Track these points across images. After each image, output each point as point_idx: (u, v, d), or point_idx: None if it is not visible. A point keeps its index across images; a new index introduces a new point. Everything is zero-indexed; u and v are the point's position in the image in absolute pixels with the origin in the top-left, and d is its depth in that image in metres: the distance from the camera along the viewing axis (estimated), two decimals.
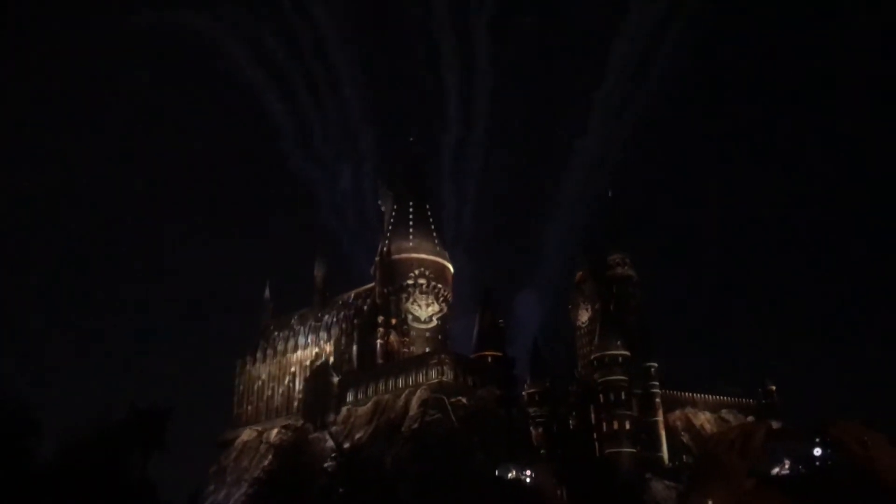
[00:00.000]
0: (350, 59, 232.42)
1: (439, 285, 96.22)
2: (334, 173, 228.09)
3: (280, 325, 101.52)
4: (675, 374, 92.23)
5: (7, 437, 25.90)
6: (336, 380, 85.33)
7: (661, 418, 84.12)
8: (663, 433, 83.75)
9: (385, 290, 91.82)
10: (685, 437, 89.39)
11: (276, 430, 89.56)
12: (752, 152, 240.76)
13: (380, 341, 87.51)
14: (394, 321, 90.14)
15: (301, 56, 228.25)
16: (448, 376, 76.63)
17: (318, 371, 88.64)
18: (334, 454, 74.43)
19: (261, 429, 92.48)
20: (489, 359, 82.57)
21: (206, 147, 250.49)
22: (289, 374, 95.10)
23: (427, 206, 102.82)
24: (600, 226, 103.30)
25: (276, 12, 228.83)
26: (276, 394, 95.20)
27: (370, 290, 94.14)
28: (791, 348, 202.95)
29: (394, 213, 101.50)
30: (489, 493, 60.47)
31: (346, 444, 75.33)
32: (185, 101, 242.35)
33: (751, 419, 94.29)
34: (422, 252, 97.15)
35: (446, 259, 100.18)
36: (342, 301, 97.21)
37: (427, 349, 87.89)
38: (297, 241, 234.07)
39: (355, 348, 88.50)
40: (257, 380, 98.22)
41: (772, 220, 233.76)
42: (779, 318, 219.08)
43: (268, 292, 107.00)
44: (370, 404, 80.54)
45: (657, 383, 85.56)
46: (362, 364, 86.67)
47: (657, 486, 73.63)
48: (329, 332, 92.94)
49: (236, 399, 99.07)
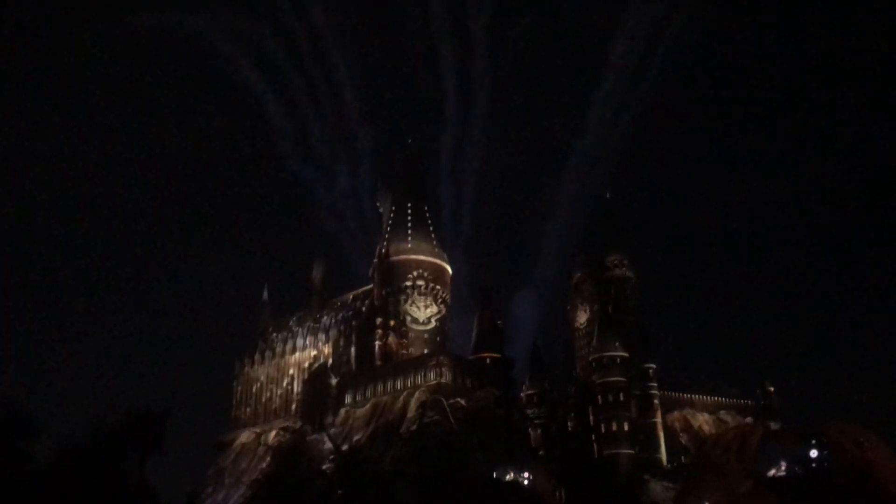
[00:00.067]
0: (348, 61, 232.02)
1: (438, 287, 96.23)
2: (332, 175, 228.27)
3: (278, 327, 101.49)
4: (674, 375, 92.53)
5: (4, 439, 25.87)
6: (334, 381, 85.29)
7: (659, 419, 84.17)
8: (662, 434, 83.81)
9: (383, 292, 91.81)
10: (684, 439, 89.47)
11: (274, 432, 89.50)
12: (751, 153, 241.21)
13: (378, 343, 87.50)
14: (392, 323, 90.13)
15: (299, 57, 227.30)
16: (446, 378, 76.59)
17: (316, 373, 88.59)
18: (332, 456, 74.38)
19: (259, 430, 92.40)
20: (488, 360, 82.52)
21: (203, 148, 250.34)
22: (287, 375, 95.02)
23: (425, 208, 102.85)
24: (598, 227, 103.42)
25: (273, 13, 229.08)
26: (275, 395, 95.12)
27: (368, 292, 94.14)
28: (789, 350, 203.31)
29: (392, 215, 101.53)
30: (487, 495, 60.48)
31: (345, 446, 75.28)
32: (183, 103, 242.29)
33: (749, 420, 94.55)
34: (420, 254, 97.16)
35: (445, 260, 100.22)
36: (340, 303, 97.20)
37: (425, 351, 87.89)
38: (295, 243, 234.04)
39: (353, 350, 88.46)
40: (256, 381, 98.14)
41: (771, 220, 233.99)
42: (777, 319, 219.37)
43: (266, 294, 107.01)
44: (368, 406, 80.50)
45: (655, 384, 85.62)
46: (361, 366, 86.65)
47: (655, 487, 73.66)
48: (327, 334, 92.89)
49: (234, 401, 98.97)
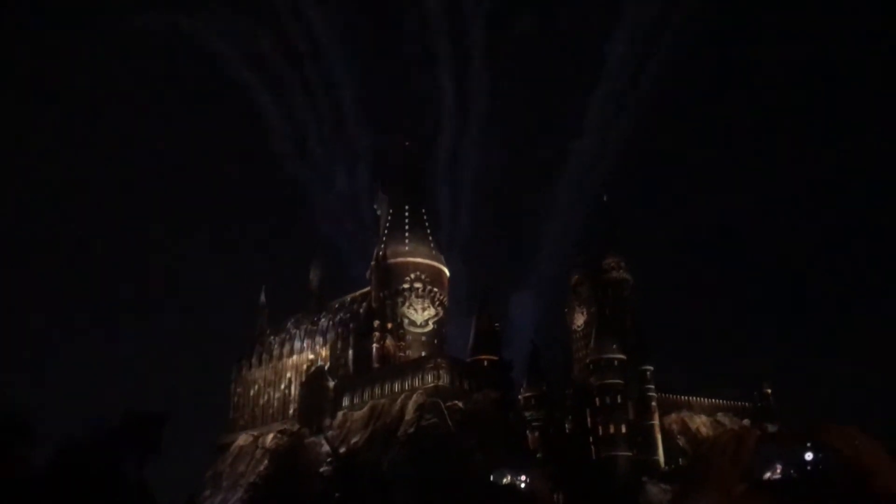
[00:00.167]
0: (345, 62, 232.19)
1: (435, 289, 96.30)
2: (330, 176, 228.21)
3: (276, 330, 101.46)
4: (671, 377, 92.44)
5: (3, 442, 25.87)
6: (332, 384, 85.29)
7: (656, 422, 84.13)
8: (659, 436, 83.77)
9: (381, 295, 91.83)
10: (681, 441, 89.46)
11: (271, 435, 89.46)
12: (750, 155, 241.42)
13: (376, 345, 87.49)
14: (390, 325, 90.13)
15: (297, 58, 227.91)
16: (444, 380, 76.58)
17: (313, 376, 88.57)
18: (330, 459, 74.42)
19: (257, 433, 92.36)
20: (485, 362, 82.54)
21: (200, 150, 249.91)
22: (284, 378, 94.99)
23: (423, 210, 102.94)
24: (596, 229, 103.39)
25: (271, 15, 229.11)
26: (272, 398, 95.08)
27: (366, 295, 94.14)
28: (787, 352, 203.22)
29: (389, 217, 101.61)
30: (485, 498, 60.48)
31: (342, 449, 75.29)
32: (179, 104, 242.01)
33: (746, 422, 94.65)
34: (418, 256, 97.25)
35: (442, 263, 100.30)
36: (338, 305, 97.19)
37: (423, 353, 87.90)
38: (292, 246, 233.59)
39: (351, 353, 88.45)
40: (253, 384, 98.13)
41: (769, 222, 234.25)
42: (775, 321, 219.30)
43: (263, 297, 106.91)
44: (366, 409, 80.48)
45: (653, 387, 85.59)
46: (358, 368, 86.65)
47: (653, 490, 73.66)
48: (325, 337, 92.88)
49: (232, 404, 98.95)
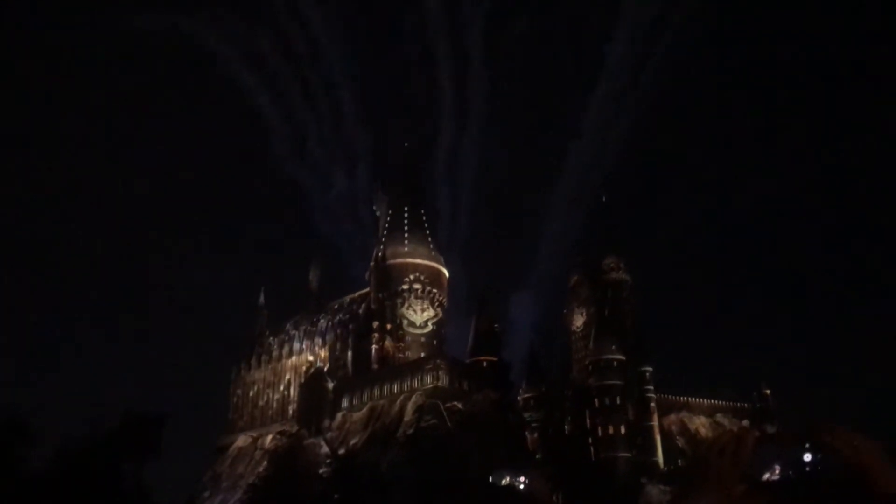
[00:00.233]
0: (345, 63, 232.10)
1: (434, 290, 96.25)
2: (329, 178, 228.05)
3: (275, 331, 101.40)
4: (671, 378, 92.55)
5: (1, 442, 25.80)
6: (331, 385, 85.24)
7: (656, 422, 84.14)
8: (658, 437, 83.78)
9: (380, 296, 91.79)
10: (680, 442, 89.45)
11: (270, 436, 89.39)
12: (748, 156, 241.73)
13: (375, 346, 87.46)
14: (389, 326, 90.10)
15: (295, 60, 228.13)
16: (443, 381, 76.56)
17: (312, 377, 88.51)
18: (329, 460, 74.39)
19: (256, 435, 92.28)
20: (485, 363, 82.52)
21: (199, 151, 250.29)
22: (284, 379, 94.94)
23: (422, 211, 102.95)
24: (595, 230, 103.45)
25: (271, 16, 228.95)
26: (272, 400, 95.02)
27: (365, 296, 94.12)
28: (786, 352, 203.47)
29: (389, 218, 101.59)
30: (484, 499, 60.40)
31: (342, 450, 75.24)
32: (179, 106, 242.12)
33: (746, 423, 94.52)
34: (417, 257, 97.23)
35: (441, 264, 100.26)
36: (337, 306, 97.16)
37: (422, 354, 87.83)
38: (291, 247, 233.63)
39: (350, 354, 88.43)
40: (252, 386, 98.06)
41: (768, 223, 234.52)
42: (774, 321, 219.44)
43: (262, 298, 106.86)
44: (365, 410, 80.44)
45: (652, 387, 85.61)
46: (357, 369, 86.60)
47: (652, 491, 73.62)
48: (324, 338, 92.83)
49: (231, 405, 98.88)
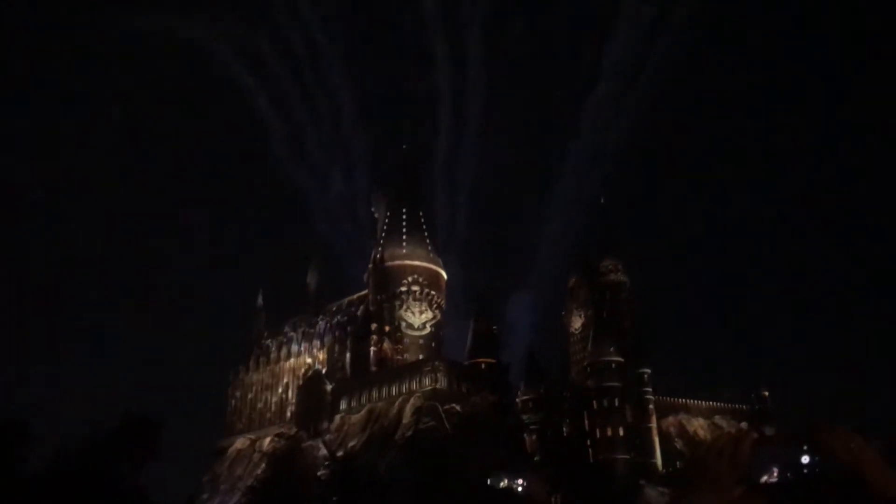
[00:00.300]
0: (343, 65, 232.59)
1: (433, 292, 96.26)
2: (327, 179, 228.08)
3: (273, 333, 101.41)
4: (669, 380, 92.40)
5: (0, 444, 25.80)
6: (329, 387, 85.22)
7: (654, 424, 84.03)
8: (657, 439, 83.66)
9: (378, 298, 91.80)
10: (679, 444, 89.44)
11: (269, 439, 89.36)
12: (746, 158, 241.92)
13: (373, 349, 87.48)
14: (387, 328, 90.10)
15: (293, 61, 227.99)
16: (442, 383, 76.57)
17: (311, 379, 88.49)
18: (328, 462, 74.43)
19: (254, 437, 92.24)
20: (483, 366, 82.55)
21: (198, 153, 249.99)
22: (282, 382, 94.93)
23: (420, 213, 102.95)
24: (593, 232, 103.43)
25: (269, 18, 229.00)
26: (270, 402, 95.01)
27: (363, 297, 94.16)
28: (784, 354, 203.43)
29: (387, 220, 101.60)
30: (483, 501, 60.46)
31: (340, 452, 75.26)
32: (177, 107, 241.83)
33: (744, 425, 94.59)
34: (415, 259, 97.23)
35: (440, 266, 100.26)
36: (335, 308, 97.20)
37: (420, 356, 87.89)
38: (290, 248, 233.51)
39: (348, 356, 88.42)
40: (250, 388, 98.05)
41: (766, 225, 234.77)
42: (772, 323, 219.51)
43: (261, 300, 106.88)
44: (364, 412, 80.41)
45: (650, 389, 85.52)
46: (355, 372, 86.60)
47: (651, 493, 73.58)
48: (322, 340, 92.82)
49: (230, 407, 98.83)
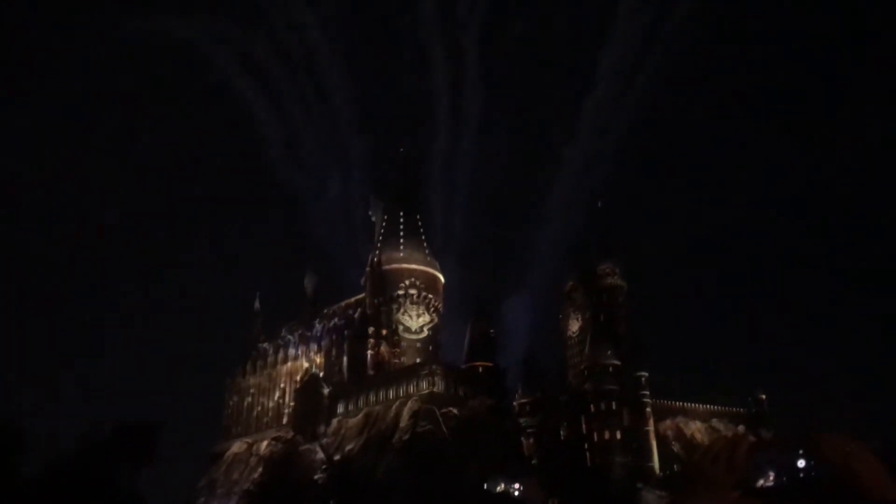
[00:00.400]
0: (339, 68, 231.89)
1: (430, 295, 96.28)
2: (324, 183, 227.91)
3: (270, 337, 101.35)
4: (666, 383, 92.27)
5: None
6: (326, 391, 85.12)
7: (651, 428, 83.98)
8: (654, 443, 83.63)
9: (376, 301, 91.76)
10: (676, 447, 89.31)
11: (266, 442, 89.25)
12: (744, 161, 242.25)
13: (370, 352, 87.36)
14: (384, 332, 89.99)
15: (290, 65, 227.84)
16: (439, 387, 76.57)
17: (308, 382, 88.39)
18: (325, 466, 74.36)
19: (251, 441, 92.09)
20: (480, 369, 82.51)
21: (193, 156, 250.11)
22: (279, 385, 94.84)
23: (417, 216, 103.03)
24: (590, 235, 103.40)
25: (265, 21, 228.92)
26: (267, 406, 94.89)
27: (361, 301, 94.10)
28: (782, 357, 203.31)
29: (384, 223, 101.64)
30: None
31: (337, 456, 75.21)
32: (173, 111, 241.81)
33: (741, 429, 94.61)
34: (412, 262, 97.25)
35: (437, 269, 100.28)
36: (332, 312, 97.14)
37: (418, 360, 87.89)
38: (286, 252, 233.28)
39: (346, 359, 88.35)
40: (247, 392, 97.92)
41: (764, 228, 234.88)
42: (770, 326, 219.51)
43: (258, 304, 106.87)
44: (361, 416, 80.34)
45: (648, 393, 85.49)
46: (353, 375, 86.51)
47: (648, 496, 73.56)
48: (319, 344, 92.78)
49: (226, 411, 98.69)
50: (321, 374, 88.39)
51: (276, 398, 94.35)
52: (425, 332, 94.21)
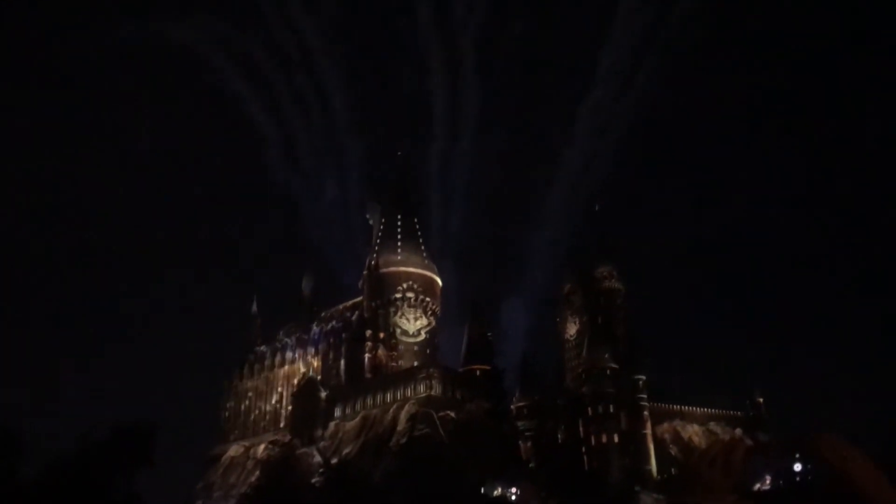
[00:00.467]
0: (336, 72, 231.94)
1: (427, 299, 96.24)
2: (321, 186, 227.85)
3: (268, 340, 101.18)
4: (664, 386, 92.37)
5: None
6: (324, 394, 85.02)
7: (649, 431, 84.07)
8: (652, 446, 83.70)
9: (373, 304, 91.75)
10: (674, 450, 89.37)
11: (263, 446, 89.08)
12: (742, 164, 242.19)
13: (368, 355, 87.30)
14: (382, 335, 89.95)
15: (287, 68, 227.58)
16: (436, 390, 76.52)
17: (305, 386, 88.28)
18: (322, 469, 74.19)
19: (248, 444, 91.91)
20: (478, 372, 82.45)
21: (190, 159, 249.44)
22: (276, 389, 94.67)
23: (415, 220, 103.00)
24: (587, 238, 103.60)
25: (262, 23, 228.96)
26: (264, 409, 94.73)
27: (358, 304, 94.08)
28: (780, 360, 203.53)
29: (381, 227, 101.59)
30: None
31: (334, 460, 75.09)
32: (171, 112, 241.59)
33: (739, 431, 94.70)
34: (410, 265, 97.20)
35: (434, 272, 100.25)
36: (330, 315, 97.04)
37: (415, 363, 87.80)
38: (284, 255, 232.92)
39: (343, 363, 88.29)
40: (244, 395, 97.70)
41: (761, 231, 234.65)
42: (767, 330, 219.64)
43: (255, 307, 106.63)
44: (358, 419, 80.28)
45: (645, 396, 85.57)
46: (350, 378, 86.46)
47: (646, 499, 73.55)
48: (317, 347, 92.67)
49: (223, 414, 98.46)
50: (318, 378, 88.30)
51: (273, 401, 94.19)
52: (423, 336, 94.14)
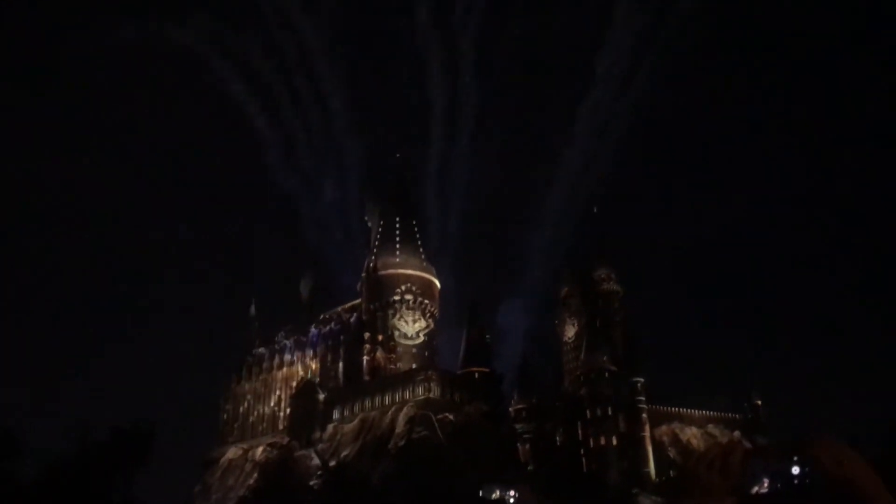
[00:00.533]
0: (335, 73, 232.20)
1: (426, 301, 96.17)
2: (320, 188, 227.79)
3: (266, 342, 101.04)
4: (662, 388, 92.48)
5: None
6: (322, 397, 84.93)
7: (647, 433, 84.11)
8: (650, 448, 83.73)
9: (371, 306, 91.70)
10: (672, 452, 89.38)
11: (261, 448, 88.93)
12: (739, 165, 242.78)
13: (366, 358, 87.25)
14: (380, 337, 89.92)
15: (286, 70, 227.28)
16: (435, 392, 76.47)
17: (303, 388, 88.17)
18: (320, 472, 74.17)
19: (246, 447, 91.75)
20: (476, 375, 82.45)
21: (189, 161, 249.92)
22: (275, 391, 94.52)
23: (413, 222, 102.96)
24: (585, 241, 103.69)
25: (261, 26, 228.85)
26: (262, 411, 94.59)
27: (356, 306, 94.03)
28: (778, 362, 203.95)
29: (380, 229, 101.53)
30: None
31: (333, 462, 75.02)
32: (171, 114, 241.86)
33: (737, 434, 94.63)
34: (408, 268, 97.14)
35: (433, 275, 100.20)
36: (328, 317, 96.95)
37: (414, 365, 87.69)
38: (282, 257, 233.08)
39: (341, 365, 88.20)
40: (243, 397, 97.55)
41: (759, 233, 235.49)
42: (766, 332, 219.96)
43: (253, 309, 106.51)
44: (356, 421, 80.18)
45: (644, 398, 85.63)
46: (348, 381, 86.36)
47: (644, 502, 73.61)
48: (315, 349, 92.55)
49: (222, 417, 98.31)
50: (317, 380, 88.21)
51: (271, 404, 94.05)
52: (421, 338, 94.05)
